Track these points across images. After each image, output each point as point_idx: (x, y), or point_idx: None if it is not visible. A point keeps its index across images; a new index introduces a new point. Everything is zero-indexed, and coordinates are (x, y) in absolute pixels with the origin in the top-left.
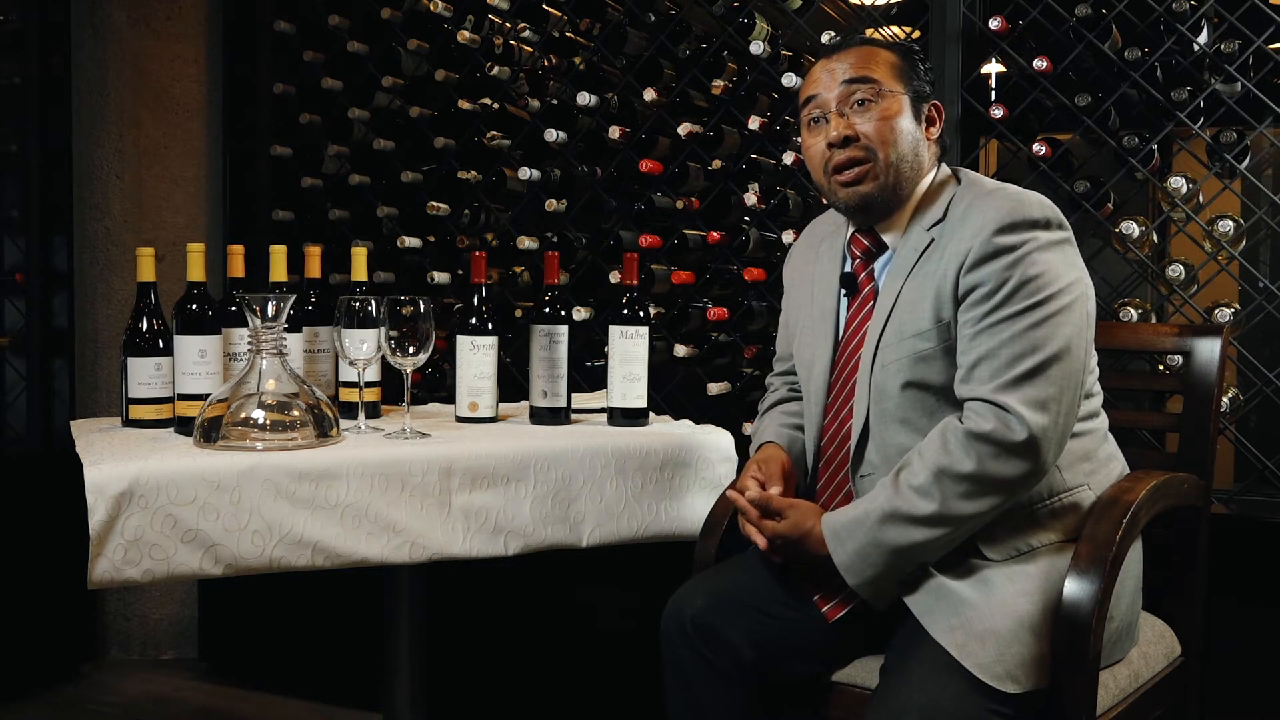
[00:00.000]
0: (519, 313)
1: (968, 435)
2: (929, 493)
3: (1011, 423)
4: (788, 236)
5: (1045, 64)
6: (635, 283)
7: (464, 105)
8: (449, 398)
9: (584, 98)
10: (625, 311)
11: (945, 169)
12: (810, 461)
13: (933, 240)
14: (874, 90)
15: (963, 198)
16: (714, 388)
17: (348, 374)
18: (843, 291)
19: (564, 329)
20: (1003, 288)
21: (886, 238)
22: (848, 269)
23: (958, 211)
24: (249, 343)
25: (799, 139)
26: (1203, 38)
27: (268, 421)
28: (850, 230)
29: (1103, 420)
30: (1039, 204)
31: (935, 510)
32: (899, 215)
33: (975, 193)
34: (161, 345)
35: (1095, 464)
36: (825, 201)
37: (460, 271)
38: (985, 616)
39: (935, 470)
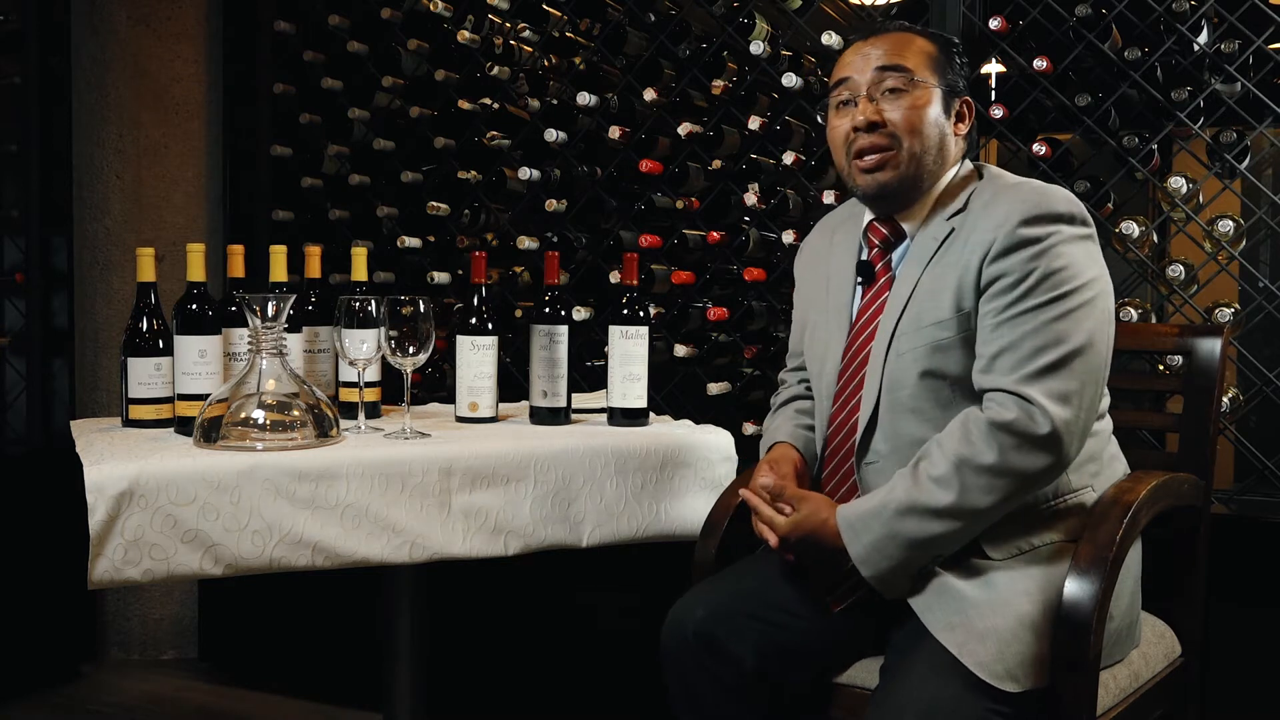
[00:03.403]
0: (519, 313)
1: (990, 425)
2: (949, 483)
3: (1035, 414)
4: (788, 236)
5: (1045, 64)
6: (635, 283)
7: (464, 105)
8: (449, 398)
9: (584, 98)
10: (625, 311)
11: (969, 164)
12: (819, 452)
13: (953, 230)
14: (906, 79)
15: (985, 190)
16: (714, 388)
17: (348, 374)
18: (859, 280)
19: (564, 329)
20: (1027, 279)
21: (906, 226)
22: (864, 258)
23: (979, 203)
24: (249, 343)
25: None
26: (1203, 38)
27: (268, 421)
28: (868, 219)
29: (1108, 422)
30: (1065, 199)
31: (953, 501)
32: (919, 205)
33: (998, 185)
34: (161, 345)
35: (1100, 465)
36: (846, 186)
37: (460, 271)
38: (986, 615)
39: (956, 461)
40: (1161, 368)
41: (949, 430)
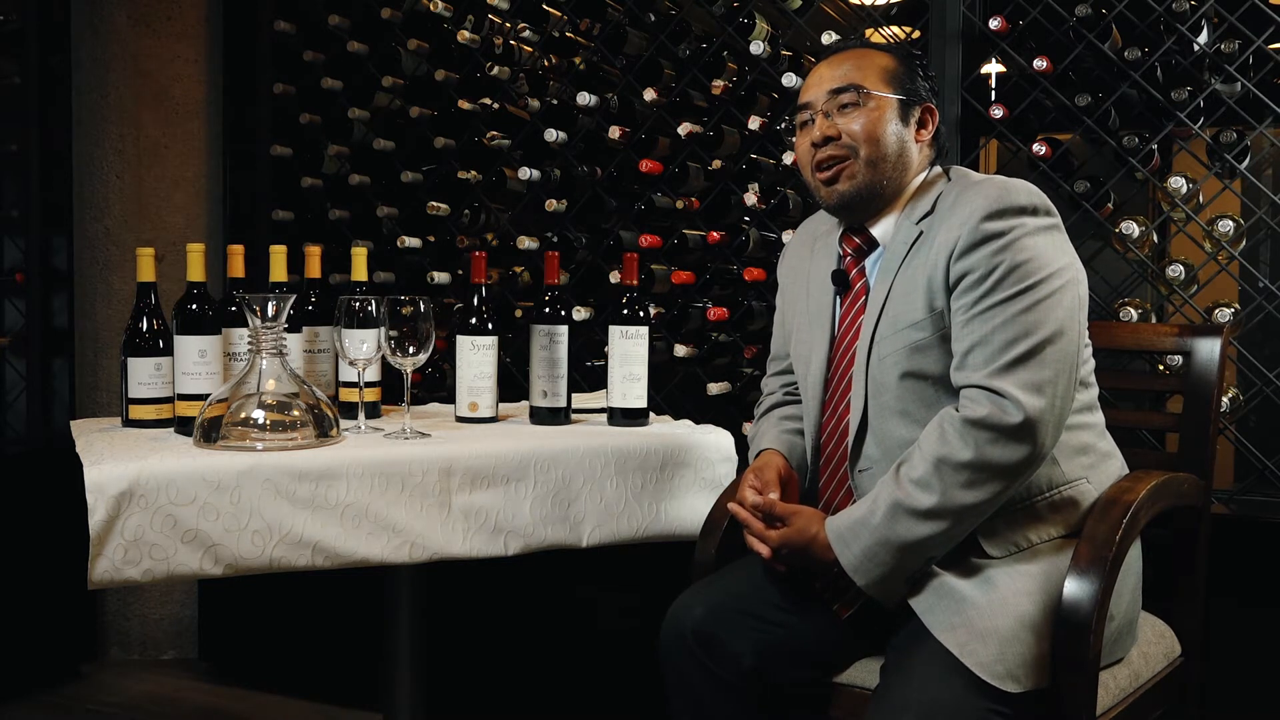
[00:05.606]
0: (519, 313)
1: (964, 422)
2: (929, 485)
3: (1007, 406)
4: (788, 236)
5: (1045, 64)
6: (635, 283)
7: (464, 105)
8: (449, 398)
9: (584, 98)
10: (625, 311)
11: (937, 169)
12: (811, 458)
13: (921, 233)
14: (859, 95)
15: (951, 190)
16: (714, 388)
17: (348, 374)
18: (835, 289)
19: (564, 329)
20: (993, 273)
21: (877, 234)
22: (839, 267)
23: (946, 203)
24: (249, 343)
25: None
26: (1203, 38)
27: (268, 421)
28: (841, 229)
29: (1099, 415)
30: (1025, 191)
31: (937, 502)
32: (887, 212)
33: (963, 185)
34: (161, 345)
35: (1093, 458)
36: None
37: (460, 271)
38: (987, 615)
39: (934, 460)
40: (1161, 368)
41: (927, 431)
